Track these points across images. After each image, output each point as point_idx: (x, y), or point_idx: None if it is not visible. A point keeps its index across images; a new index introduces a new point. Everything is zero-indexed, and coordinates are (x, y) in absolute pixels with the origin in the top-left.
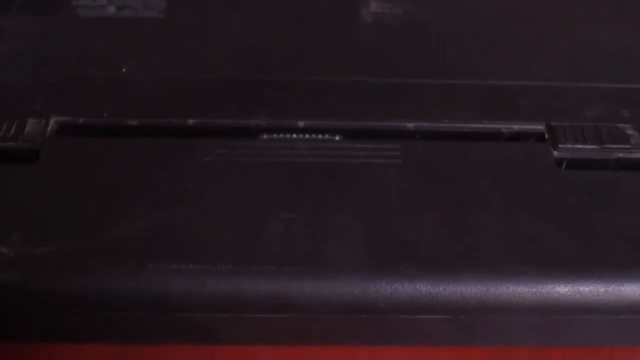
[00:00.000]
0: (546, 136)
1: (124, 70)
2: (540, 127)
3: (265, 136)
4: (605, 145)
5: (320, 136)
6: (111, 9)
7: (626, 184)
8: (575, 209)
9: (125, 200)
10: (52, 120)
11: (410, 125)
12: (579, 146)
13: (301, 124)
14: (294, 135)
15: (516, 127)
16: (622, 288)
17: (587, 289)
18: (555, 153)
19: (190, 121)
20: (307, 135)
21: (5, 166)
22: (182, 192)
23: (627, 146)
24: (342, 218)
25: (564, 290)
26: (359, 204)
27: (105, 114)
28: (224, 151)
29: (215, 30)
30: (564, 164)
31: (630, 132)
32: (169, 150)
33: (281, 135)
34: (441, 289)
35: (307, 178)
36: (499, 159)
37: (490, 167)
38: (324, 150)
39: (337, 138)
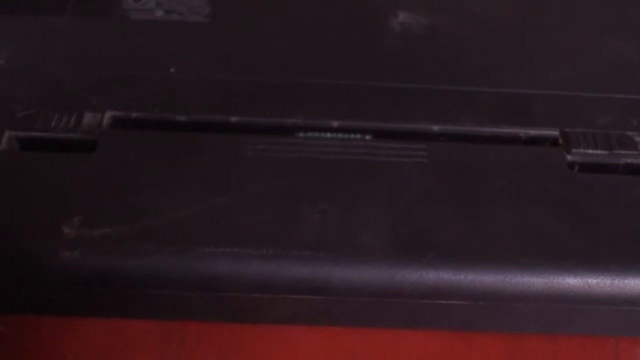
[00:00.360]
0: (560, 141)
1: (172, 70)
2: (555, 132)
3: (301, 134)
4: (615, 151)
5: (352, 135)
6: (159, 13)
7: (633, 186)
8: (585, 208)
9: (175, 188)
10: (107, 115)
11: (435, 127)
12: (590, 151)
13: (335, 123)
14: (328, 134)
15: (532, 132)
16: (626, 281)
17: (594, 281)
18: (569, 157)
19: (233, 118)
20: (340, 135)
21: (66, 155)
22: (227, 183)
23: (635, 152)
24: (372, 210)
25: (573, 281)
26: (388, 198)
27: (155, 110)
28: (265, 147)
29: (256, 35)
30: (576, 167)
31: (638, 139)
32: (215, 144)
33: (316, 134)
34: (462, 277)
35: (341, 173)
36: (516, 161)
37: (508, 168)
38: (355, 149)
39: (367, 138)
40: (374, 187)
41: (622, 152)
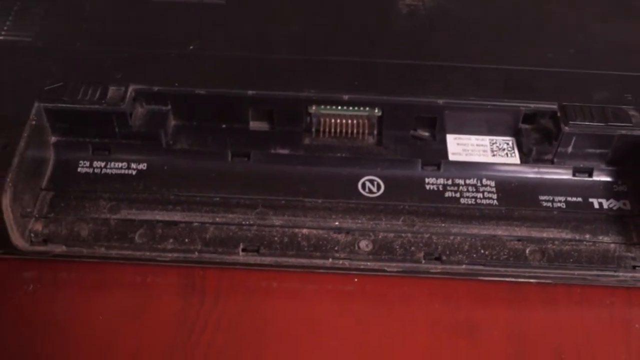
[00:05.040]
0: (559, 114)
1: (191, 47)
2: (554, 106)
3: (314, 107)
4: (610, 123)
5: (362, 109)
6: None
7: None
8: None
9: None
10: (131, 88)
11: (440, 101)
12: (587, 123)
13: (345, 97)
14: (339, 107)
15: (532, 105)
16: None
17: None
18: (566, 128)
19: (250, 92)
20: (350, 108)
21: None
22: None
23: (629, 124)
24: None
25: None
26: None
27: (176, 84)
28: None
29: (271, 15)
30: None
31: (632, 112)
32: None
33: (328, 107)
34: None
35: None
36: None
37: None
38: None
39: (376, 111)
40: None
41: (616, 124)
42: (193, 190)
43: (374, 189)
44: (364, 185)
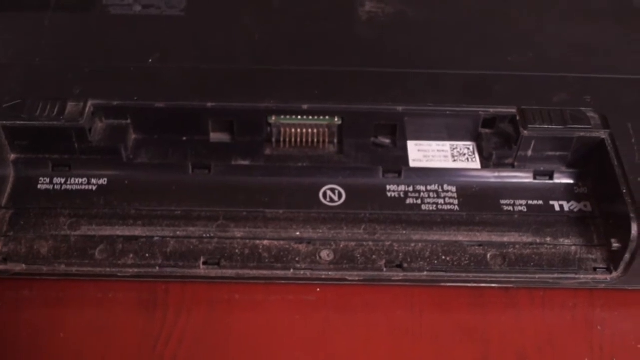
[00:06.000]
0: (518, 118)
1: (150, 60)
2: (513, 110)
3: (273, 117)
4: (569, 126)
5: (322, 118)
6: (137, 8)
7: None
8: None
9: None
10: (90, 103)
11: (400, 108)
12: (546, 126)
13: (305, 106)
14: (299, 117)
15: (491, 110)
16: None
17: None
18: (525, 132)
19: (209, 104)
20: (310, 117)
21: None
22: None
23: (588, 126)
24: None
25: None
26: None
27: (135, 98)
28: None
29: (230, 27)
30: None
31: (591, 114)
32: None
33: (288, 117)
34: None
35: None
36: None
37: None
38: None
39: (336, 120)
40: None
41: (575, 126)
42: (154, 204)
43: (335, 198)
44: (325, 194)
